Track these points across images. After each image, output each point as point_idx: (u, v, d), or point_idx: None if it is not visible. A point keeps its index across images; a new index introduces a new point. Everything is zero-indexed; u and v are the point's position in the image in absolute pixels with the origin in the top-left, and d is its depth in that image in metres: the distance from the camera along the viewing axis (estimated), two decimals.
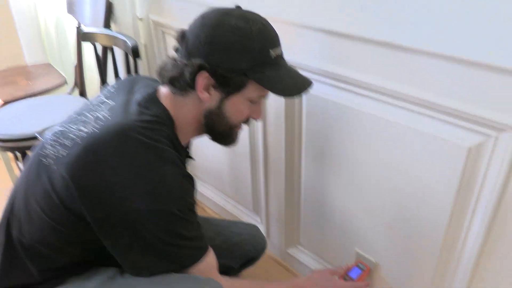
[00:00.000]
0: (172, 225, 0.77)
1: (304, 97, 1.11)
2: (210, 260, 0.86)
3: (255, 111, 0.88)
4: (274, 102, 1.19)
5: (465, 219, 0.90)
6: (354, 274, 1.16)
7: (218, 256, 0.97)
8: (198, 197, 1.84)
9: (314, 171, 1.20)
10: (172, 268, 0.81)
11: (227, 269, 1.10)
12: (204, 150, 1.65)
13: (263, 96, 0.86)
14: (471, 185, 0.85)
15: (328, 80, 1.02)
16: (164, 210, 0.75)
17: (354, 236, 1.19)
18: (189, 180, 0.81)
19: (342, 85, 1.00)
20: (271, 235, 1.50)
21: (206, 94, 0.81)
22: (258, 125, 1.30)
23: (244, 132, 1.37)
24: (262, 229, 1.52)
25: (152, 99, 0.84)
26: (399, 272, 1.11)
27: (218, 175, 1.65)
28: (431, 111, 0.85)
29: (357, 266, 1.18)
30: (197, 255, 0.83)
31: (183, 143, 0.88)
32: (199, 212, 1.79)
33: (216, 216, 1.75)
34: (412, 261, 1.06)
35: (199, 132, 0.89)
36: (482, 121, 0.78)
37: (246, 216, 1.61)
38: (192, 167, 1.79)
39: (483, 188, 0.83)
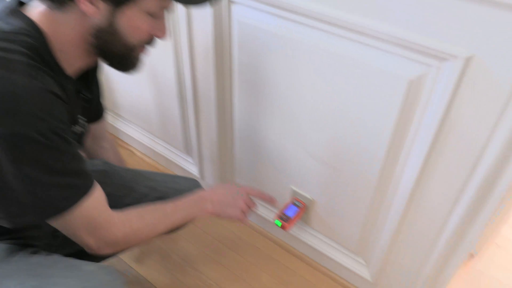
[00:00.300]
0: (32, 154, 0.61)
1: (235, 26, 0.99)
2: (95, 201, 0.72)
3: (158, 28, 0.73)
4: (200, 31, 1.06)
5: (402, 152, 0.88)
6: (290, 212, 1.14)
7: None
8: (124, 139, 1.70)
9: (247, 107, 1.12)
10: (48, 214, 0.67)
11: None
12: (126, 86, 1.49)
13: (165, 8, 0.72)
14: (410, 118, 0.82)
15: (260, 6, 0.91)
16: (18, 134, 0.59)
17: (290, 174, 1.15)
18: (55, 98, 0.64)
19: (276, 11, 0.89)
20: (205, 176, 1.43)
21: (90, 7, 0.65)
22: (185, 57, 1.16)
23: (169, 66, 1.24)
24: (194, 170, 1.45)
25: (14, 12, 0.67)
26: (335, 208, 1.11)
27: (144, 114, 1.52)
28: (370, 39, 0.78)
29: (293, 203, 1.16)
30: (75, 196, 0.68)
31: (70, 71, 0.73)
32: (126, 155, 1.67)
33: (146, 159, 1.64)
34: (347, 197, 1.05)
35: (90, 55, 0.74)
36: (423, 50, 0.73)
37: (178, 157, 1.51)
38: (115, 106, 1.63)
39: (422, 121, 0.80)
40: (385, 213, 1.00)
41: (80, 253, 0.78)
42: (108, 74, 1.51)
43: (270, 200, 1.05)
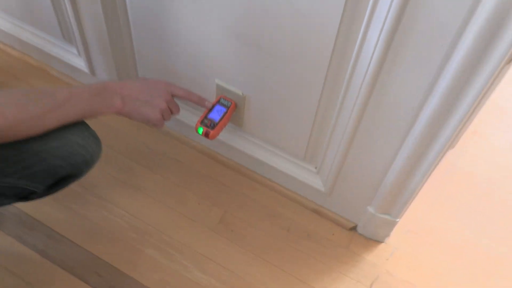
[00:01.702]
0: None
1: None
2: None
3: None
4: None
5: (361, 24, 0.63)
6: (215, 114, 0.88)
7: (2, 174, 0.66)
8: None
9: None
10: None
11: (26, 194, 0.72)
12: None
13: None
14: None
15: None
16: None
17: (212, 64, 0.87)
18: None
19: None
20: (97, 71, 1.09)
21: None
22: None
23: None
24: (81, 63, 1.13)
25: None
26: (274, 105, 0.87)
27: None
28: None
29: (219, 103, 0.89)
30: None
31: None
32: None
33: (11, 52, 1.21)
34: (290, 89, 0.82)
35: None
36: None
37: (55, 48, 1.13)
38: None
39: None
40: (339, 107, 0.79)
41: None
42: None
43: (199, 102, 0.87)
